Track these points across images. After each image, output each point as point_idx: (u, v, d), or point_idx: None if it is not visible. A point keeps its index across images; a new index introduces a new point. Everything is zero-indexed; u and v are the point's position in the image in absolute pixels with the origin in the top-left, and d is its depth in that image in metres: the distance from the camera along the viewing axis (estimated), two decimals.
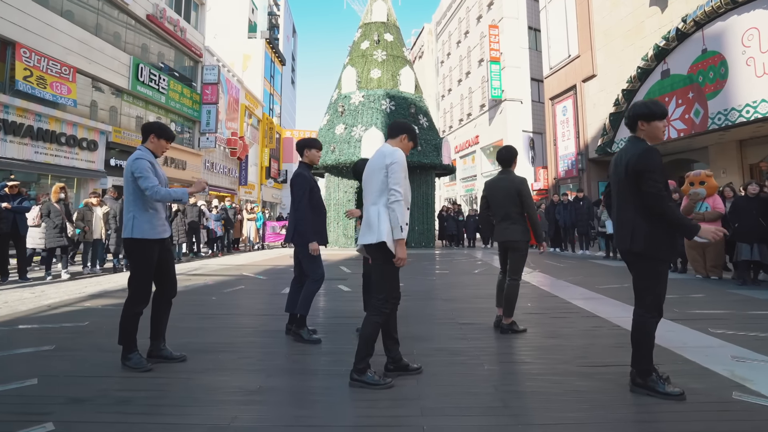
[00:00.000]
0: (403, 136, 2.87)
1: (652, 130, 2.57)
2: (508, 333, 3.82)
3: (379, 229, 2.66)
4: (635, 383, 2.55)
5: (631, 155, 2.53)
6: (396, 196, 2.59)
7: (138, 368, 2.85)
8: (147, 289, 2.96)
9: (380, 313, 2.64)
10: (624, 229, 2.60)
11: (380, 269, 2.69)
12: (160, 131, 3.09)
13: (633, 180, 2.50)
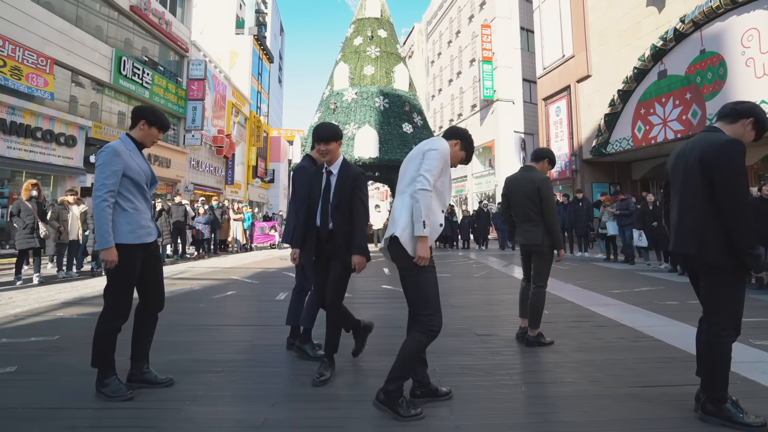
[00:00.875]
0: (456, 141, 2.47)
1: (747, 135, 2.22)
2: (535, 346, 3.44)
3: (395, 223, 2.25)
4: (706, 411, 2.18)
5: (709, 146, 2.16)
6: (423, 183, 2.18)
7: (116, 397, 2.38)
8: (126, 302, 2.49)
9: (429, 332, 2.22)
10: (690, 233, 2.22)
11: (413, 279, 2.26)
12: (153, 118, 2.64)
13: (707, 176, 2.13)
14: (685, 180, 2.28)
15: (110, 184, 2.40)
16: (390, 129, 14.35)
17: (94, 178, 2.47)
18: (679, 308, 4.91)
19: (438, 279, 2.41)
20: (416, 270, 2.23)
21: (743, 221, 2.06)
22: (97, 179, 2.42)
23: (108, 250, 2.35)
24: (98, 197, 2.37)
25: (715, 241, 2.13)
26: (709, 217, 2.16)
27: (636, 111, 15.04)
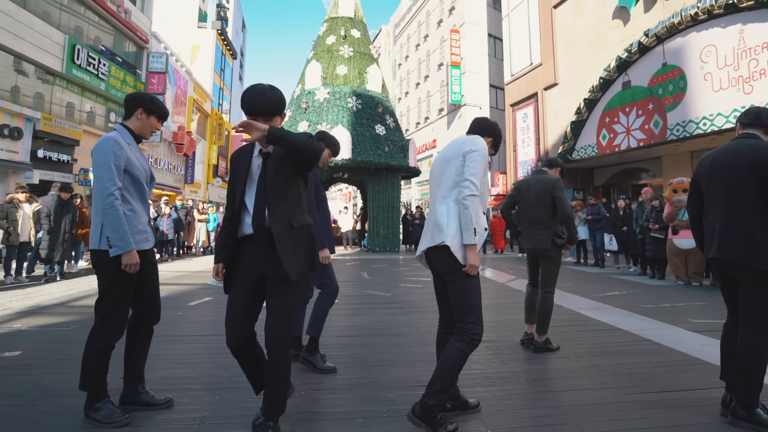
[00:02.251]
0: (489, 138, 2.38)
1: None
2: (542, 352, 3.39)
3: (443, 231, 2.11)
4: (737, 416, 2.18)
5: (760, 152, 2.15)
6: (471, 189, 2.06)
7: (110, 423, 2.08)
8: (122, 315, 2.19)
9: (471, 341, 2.07)
10: (737, 238, 2.19)
11: (458, 285, 2.12)
12: (152, 105, 2.36)
13: (756, 181, 2.12)
14: (733, 186, 2.24)
15: (117, 180, 2.13)
16: (363, 130, 14.17)
17: (94, 175, 2.15)
18: (666, 311, 5.05)
19: (421, 284, 2.29)
20: (462, 276, 2.09)
21: None
22: (102, 176, 2.11)
23: (129, 254, 2.09)
24: (109, 196, 2.09)
25: (763, 247, 2.12)
26: (757, 224, 2.15)
27: (601, 119, 15.66)
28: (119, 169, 2.17)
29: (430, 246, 2.17)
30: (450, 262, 2.09)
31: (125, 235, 2.10)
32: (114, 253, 2.08)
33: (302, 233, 2.01)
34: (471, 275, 2.10)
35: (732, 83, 11.25)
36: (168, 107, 21.53)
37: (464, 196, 2.06)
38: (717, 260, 2.31)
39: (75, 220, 7.53)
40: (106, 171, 2.09)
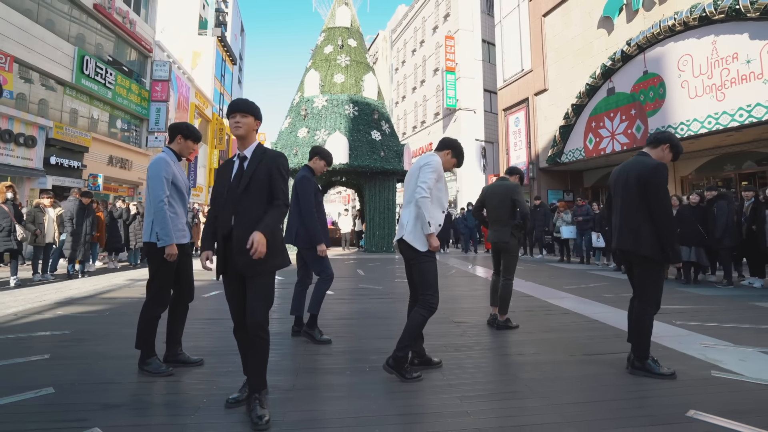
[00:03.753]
0: (447, 152, 3.02)
1: (666, 156, 2.94)
2: (503, 329, 4.08)
3: (404, 228, 2.82)
4: (634, 366, 2.88)
5: (643, 167, 2.84)
6: (422, 192, 2.75)
7: (158, 373, 2.78)
8: (167, 292, 2.90)
9: (430, 307, 2.76)
10: (630, 232, 2.89)
11: (418, 267, 2.81)
12: (188, 132, 3.04)
13: (642, 190, 2.81)
14: (625, 193, 2.96)
15: (166, 190, 2.82)
16: (359, 136, 14.87)
17: (149, 185, 2.84)
18: (624, 299, 5.74)
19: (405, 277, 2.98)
20: (421, 260, 2.79)
21: (669, 224, 2.76)
22: (155, 186, 2.81)
23: (171, 247, 2.79)
24: (160, 202, 2.78)
25: (647, 239, 2.81)
26: (642, 221, 2.85)
27: (587, 124, 16.37)
28: (168, 181, 2.87)
29: (397, 239, 2.87)
30: (410, 251, 2.80)
31: (170, 232, 2.80)
32: (160, 245, 2.78)
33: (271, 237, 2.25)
34: (428, 260, 2.79)
35: (706, 91, 11.95)
36: (171, 113, 22.27)
37: (417, 198, 2.76)
38: (618, 249, 3.00)
39: (95, 222, 8.22)
40: (158, 183, 2.79)
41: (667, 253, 2.77)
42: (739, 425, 2.12)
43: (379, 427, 2.11)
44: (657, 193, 2.76)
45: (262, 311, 2.24)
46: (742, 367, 2.99)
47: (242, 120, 2.33)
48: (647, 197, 2.79)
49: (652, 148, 2.99)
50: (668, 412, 2.29)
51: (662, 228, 2.75)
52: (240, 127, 2.33)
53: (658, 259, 2.79)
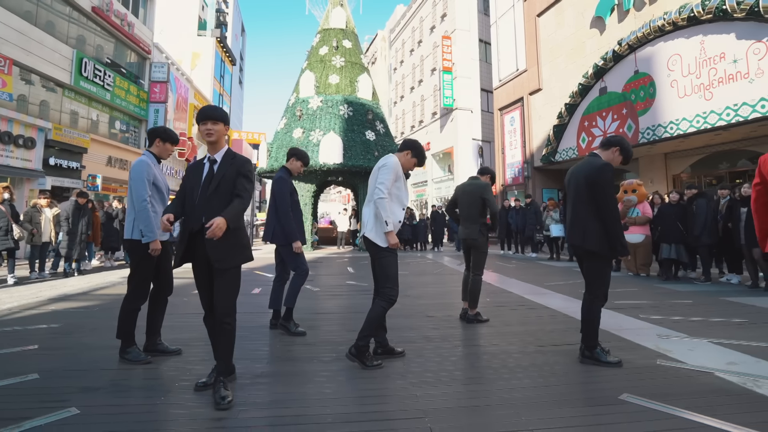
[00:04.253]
0: (407, 152, 3.21)
1: (616, 159, 3.11)
2: (473, 322, 4.27)
3: (365, 225, 3.01)
4: (584, 356, 3.06)
5: (590, 168, 3.03)
6: (379, 193, 2.94)
7: (137, 361, 2.98)
8: (146, 286, 3.10)
9: (389, 299, 2.96)
10: (578, 229, 3.09)
11: (379, 262, 3.01)
12: (166, 135, 3.23)
13: (589, 189, 3.00)
14: (576, 192, 3.14)
15: (148, 190, 3.03)
16: (354, 136, 15.07)
17: (132, 186, 3.04)
18: None
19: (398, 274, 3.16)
20: (382, 255, 2.98)
21: (615, 220, 2.94)
22: (137, 187, 3.02)
23: (155, 242, 3.01)
24: (143, 201, 2.99)
25: (594, 234, 3.00)
26: (590, 217, 3.03)
27: (580, 123, 16.51)
28: (149, 182, 3.07)
29: (361, 236, 3.06)
30: (372, 247, 2.99)
31: (153, 229, 3.01)
32: (145, 241, 2.99)
33: (233, 233, 2.41)
34: (389, 255, 2.98)
35: (695, 90, 12.09)
36: (169, 114, 22.50)
37: (375, 198, 2.95)
38: (569, 244, 3.19)
39: (90, 222, 8.44)
40: (141, 184, 3.00)
41: (615, 247, 2.95)
42: (662, 405, 2.30)
43: (332, 406, 2.31)
44: (603, 192, 2.94)
45: (229, 301, 2.44)
46: (687, 356, 3.17)
47: (213, 127, 2.53)
48: (595, 196, 2.97)
49: (604, 150, 3.17)
50: (604, 396, 2.48)
51: (609, 224, 2.93)
52: (212, 134, 2.53)
53: (605, 253, 2.98)
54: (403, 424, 2.11)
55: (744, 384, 2.63)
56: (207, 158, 2.58)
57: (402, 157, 3.19)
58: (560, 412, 2.25)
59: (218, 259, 2.41)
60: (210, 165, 2.55)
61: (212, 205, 2.45)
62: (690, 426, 2.09)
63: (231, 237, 2.42)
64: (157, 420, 2.14)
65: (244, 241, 2.54)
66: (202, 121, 2.53)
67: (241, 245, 2.51)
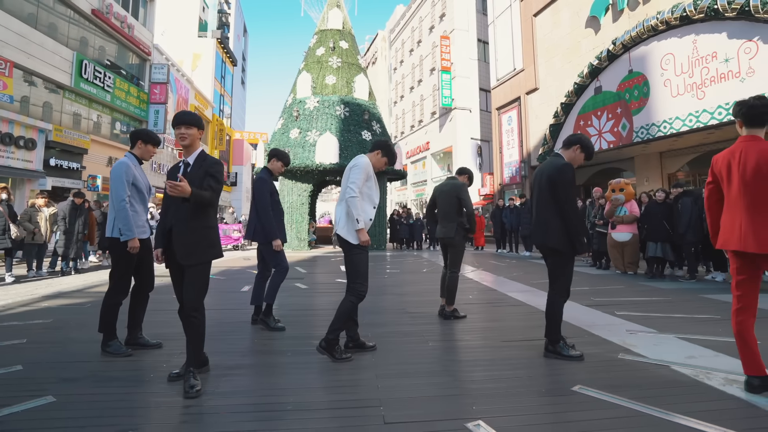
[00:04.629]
0: (377, 152, 3.32)
1: (578, 157, 3.22)
2: (450, 319, 4.38)
3: (338, 223, 3.14)
4: (547, 350, 3.17)
5: (552, 168, 3.14)
6: (350, 192, 3.06)
7: (118, 354, 3.12)
8: (127, 281, 3.24)
9: (358, 295, 3.08)
10: (541, 227, 3.20)
11: (350, 259, 3.13)
12: (148, 137, 3.37)
13: (551, 188, 3.11)
14: (539, 191, 3.26)
15: (127, 191, 3.16)
16: (350, 136, 15.19)
17: (112, 187, 3.18)
18: (583, 293, 6.01)
19: (389, 274, 3.29)
20: (353, 252, 3.10)
21: (575, 218, 3.04)
22: (117, 187, 3.15)
23: (133, 240, 3.14)
24: (122, 201, 3.12)
25: (555, 232, 3.11)
26: (552, 216, 3.14)
27: (576, 122, 16.58)
28: (129, 183, 3.20)
29: (334, 233, 3.18)
30: (344, 244, 3.11)
31: (131, 227, 3.14)
32: (123, 239, 3.12)
33: (200, 232, 2.59)
34: (360, 252, 3.10)
35: (687, 89, 12.15)
36: (170, 115, 22.70)
37: (347, 197, 3.07)
38: (533, 242, 3.30)
39: (87, 221, 8.60)
40: (120, 185, 3.13)
41: (575, 245, 3.06)
42: (611, 396, 2.41)
43: (294, 396, 2.43)
44: (564, 191, 3.05)
45: (196, 295, 2.60)
46: (650, 351, 3.27)
47: (187, 131, 2.68)
48: (556, 195, 3.08)
49: (565, 149, 3.28)
50: (558, 387, 2.59)
51: (569, 222, 3.04)
52: (186, 138, 2.69)
53: (566, 250, 3.09)
54: (358, 412, 2.23)
55: (696, 376, 2.73)
56: (182, 162, 2.75)
57: (373, 157, 3.31)
58: (511, 401, 2.36)
59: (183, 256, 2.57)
60: (184, 168, 2.71)
61: (184, 206, 2.59)
62: (631, 414, 2.20)
63: (198, 235, 2.57)
64: (127, 407, 2.27)
65: (210, 240, 2.67)
66: (176, 125, 2.68)
67: (207, 243, 2.64)
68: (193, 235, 2.52)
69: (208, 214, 2.66)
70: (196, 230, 2.53)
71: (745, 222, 2.50)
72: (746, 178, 2.49)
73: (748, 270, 2.58)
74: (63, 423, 2.09)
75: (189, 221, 2.57)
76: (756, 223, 2.44)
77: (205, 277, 2.65)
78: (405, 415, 2.18)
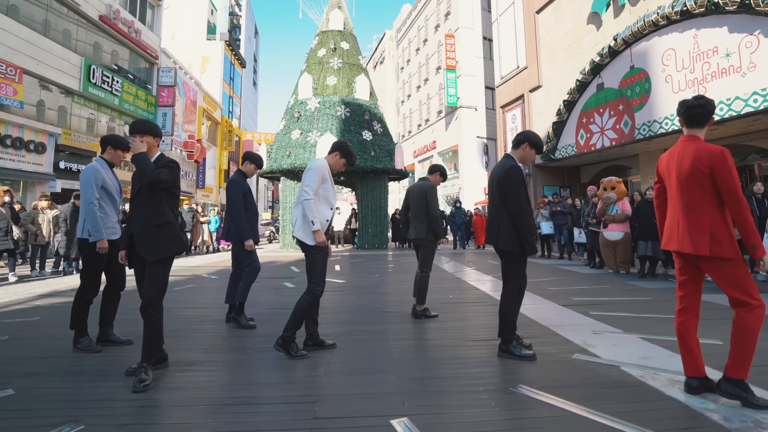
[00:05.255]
0: (335, 153, 3.41)
1: (528, 154, 3.26)
2: (421, 318, 4.44)
3: (294, 225, 3.24)
4: (501, 349, 3.22)
5: (500, 171, 3.20)
6: (304, 195, 3.15)
7: (88, 350, 3.27)
8: (97, 280, 3.39)
9: (313, 294, 3.18)
10: (494, 228, 3.26)
11: (309, 259, 3.23)
12: (116, 143, 3.51)
13: (500, 191, 3.17)
14: (492, 194, 3.32)
15: (96, 193, 3.31)
16: (350, 136, 15.30)
17: (81, 190, 3.35)
18: (567, 292, 6.02)
19: (380, 273, 3.38)
20: (311, 253, 3.20)
21: (523, 219, 3.09)
22: (85, 191, 3.31)
23: (102, 241, 3.29)
24: (90, 203, 3.28)
25: (505, 234, 3.16)
26: (502, 218, 3.19)
27: (579, 120, 16.42)
28: (97, 186, 3.35)
29: (293, 235, 3.28)
30: (302, 245, 3.20)
31: (99, 228, 3.28)
32: (92, 240, 3.27)
33: (159, 229, 2.76)
34: (317, 252, 3.19)
35: (689, 85, 11.96)
36: (178, 117, 23.11)
37: (301, 200, 3.16)
38: (489, 244, 3.35)
39: None
40: (89, 188, 3.28)
41: (524, 246, 3.10)
42: (546, 396, 2.44)
43: (239, 391, 2.54)
44: (510, 193, 3.10)
45: (153, 292, 2.74)
46: (607, 351, 3.29)
47: (141, 139, 2.85)
48: (504, 197, 3.13)
49: (515, 149, 3.32)
50: (498, 386, 2.63)
51: (517, 223, 3.08)
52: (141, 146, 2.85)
53: (516, 251, 3.13)
54: (293, 407, 2.32)
55: (642, 377, 2.76)
56: None
57: (331, 158, 3.40)
58: (444, 400, 2.43)
59: (146, 252, 2.75)
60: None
61: (143, 206, 2.78)
62: (557, 414, 2.23)
63: (158, 232, 2.76)
64: (77, 400, 2.40)
65: (170, 235, 2.83)
66: (132, 134, 2.87)
67: (167, 238, 2.81)
68: (155, 231, 2.71)
69: (164, 210, 2.82)
70: (156, 227, 2.71)
71: (682, 222, 2.52)
72: (682, 178, 2.52)
73: (690, 270, 2.60)
74: (14, 414, 2.22)
75: (148, 218, 2.76)
76: (690, 225, 2.46)
77: (164, 275, 2.80)
78: (336, 411, 2.26)
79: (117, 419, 2.16)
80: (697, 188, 2.44)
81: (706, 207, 2.41)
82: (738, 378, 2.35)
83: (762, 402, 2.29)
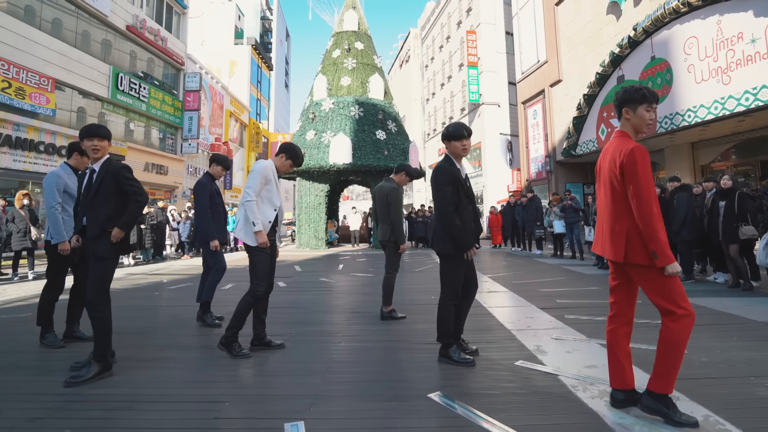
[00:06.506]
0: (281, 155, 3.48)
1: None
2: (388, 319, 4.44)
3: (236, 226, 3.32)
4: (440, 353, 3.17)
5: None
6: (246, 196, 3.23)
7: (53, 346, 3.48)
8: (60, 281, 3.62)
9: (253, 295, 3.26)
10: (432, 233, 3.22)
11: (250, 260, 3.32)
12: (81, 150, 3.70)
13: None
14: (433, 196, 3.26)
15: (58, 198, 3.52)
16: (364, 136, 15.37)
17: (44, 194, 3.58)
18: (553, 294, 5.85)
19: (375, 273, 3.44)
20: (252, 253, 3.28)
21: (445, 221, 3.02)
22: (47, 195, 3.53)
23: (63, 243, 3.48)
24: (52, 207, 3.49)
25: (438, 236, 3.12)
26: (437, 220, 3.15)
27: (599, 114, 15.82)
28: (59, 191, 3.55)
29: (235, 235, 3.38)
30: (245, 246, 3.28)
31: (61, 231, 3.48)
32: (53, 242, 3.47)
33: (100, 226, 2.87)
34: (258, 253, 3.26)
35: (712, 74, 11.28)
36: (205, 121, 23.90)
37: (244, 201, 3.23)
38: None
39: None
40: (50, 192, 3.49)
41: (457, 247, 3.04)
42: (458, 404, 2.37)
43: (165, 389, 2.63)
44: (435, 196, 3.07)
45: (94, 290, 2.82)
46: (555, 359, 3.17)
47: (99, 144, 2.98)
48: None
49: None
50: (413, 393, 2.55)
51: (444, 224, 3.03)
52: (98, 150, 2.98)
53: (448, 253, 3.08)
54: (203, 406, 2.39)
55: (574, 387, 2.64)
56: (88, 169, 3.06)
57: (278, 160, 3.46)
58: (349, 405, 2.42)
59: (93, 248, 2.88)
60: (90, 174, 2.99)
61: (94, 206, 2.90)
62: (459, 424, 2.17)
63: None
64: (13, 393, 2.57)
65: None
66: (89, 137, 2.96)
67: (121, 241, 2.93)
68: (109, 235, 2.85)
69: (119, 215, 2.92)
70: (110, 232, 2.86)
71: (605, 226, 2.42)
72: (604, 179, 2.42)
73: (621, 276, 2.49)
74: None
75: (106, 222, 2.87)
76: (610, 228, 2.36)
77: (105, 273, 2.87)
78: (240, 412, 2.31)
79: (33, 413, 2.29)
80: (612, 189, 2.33)
81: (623, 210, 2.30)
82: (661, 392, 2.22)
83: (685, 419, 2.16)
